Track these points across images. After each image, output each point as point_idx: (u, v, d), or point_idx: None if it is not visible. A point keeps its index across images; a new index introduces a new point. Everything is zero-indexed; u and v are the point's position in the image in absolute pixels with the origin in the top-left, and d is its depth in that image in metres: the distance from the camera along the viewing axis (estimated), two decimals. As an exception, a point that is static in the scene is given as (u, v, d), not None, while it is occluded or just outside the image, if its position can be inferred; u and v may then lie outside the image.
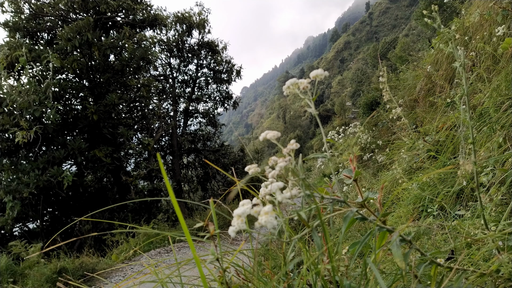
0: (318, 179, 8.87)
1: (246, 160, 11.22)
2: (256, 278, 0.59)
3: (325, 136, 0.59)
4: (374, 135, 4.54)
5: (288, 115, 51.02)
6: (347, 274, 0.67)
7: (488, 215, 0.98)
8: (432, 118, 2.48)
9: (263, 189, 0.55)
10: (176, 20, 9.72)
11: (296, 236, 0.55)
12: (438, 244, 1.00)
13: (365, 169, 3.87)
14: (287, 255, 0.59)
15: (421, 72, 3.48)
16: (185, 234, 0.37)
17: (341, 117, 34.89)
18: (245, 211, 0.47)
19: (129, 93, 8.10)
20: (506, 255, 0.66)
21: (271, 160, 0.56)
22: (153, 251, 4.93)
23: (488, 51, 1.88)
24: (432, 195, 1.41)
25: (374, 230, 0.55)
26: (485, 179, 1.13)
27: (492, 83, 1.63)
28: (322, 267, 0.56)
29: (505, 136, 1.22)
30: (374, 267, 0.46)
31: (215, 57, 10.68)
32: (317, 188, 0.56)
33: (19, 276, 3.79)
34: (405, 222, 1.49)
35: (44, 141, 6.36)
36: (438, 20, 0.92)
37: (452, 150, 1.67)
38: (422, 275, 0.60)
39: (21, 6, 7.30)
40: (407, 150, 2.24)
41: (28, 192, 5.52)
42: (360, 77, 38.91)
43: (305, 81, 0.55)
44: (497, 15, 1.88)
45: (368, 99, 7.83)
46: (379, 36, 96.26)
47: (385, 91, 2.04)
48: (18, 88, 5.63)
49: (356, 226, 1.88)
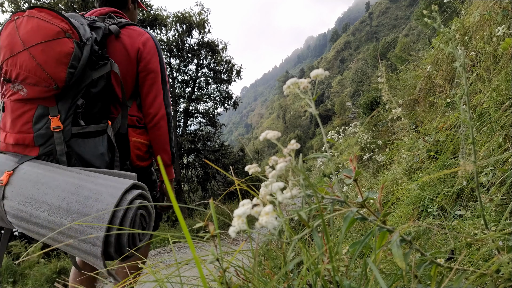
0: (318, 179, 8.88)
1: (246, 160, 11.23)
2: (256, 278, 0.59)
3: (325, 136, 0.59)
4: (374, 135, 4.54)
5: (288, 115, 51.05)
6: (347, 274, 0.67)
7: (488, 215, 0.98)
8: (432, 118, 2.48)
9: (263, 189, 0.55)
10: (176, 20, 9.72)
11: (297, 236, 0.55)
12: (438, 244, 1.00)
13: (365, 169, 3.87)
14: (287, 255, 0.59)
15: (421, 72, 3.49)
16: (185, 235, 0.37)
17: (341, 117, 34.94)
18: (246, 211, 0.47)
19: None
20: (506, 255, 0.65)
21: (271, 160, 0.56)
22: (153, 251, 4.93)
23: (488, 51, 1.88)
24: (432, 195, 1.41)
25: (374, 230, 0.55)
26: (485, 179, 1.13)
27: (492, 83, 1.63)
28: (322, 267, 0.56)
29: (505, 136, 1.22)
30: (374, 267, 0.46)
31: (215, 57, 10.69)
32: (317, 188, 0.56)
33: (19, 276, 3.79)
34: (405, 222, 1.49)
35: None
36: (438, 20, 0.92)
37: (452, 150, 1.67)
38: (422, 275, 0.60)
39: (21, 6, 7.29)
40: (407, 150, 2.25)
41: (27, 192, 5.51)
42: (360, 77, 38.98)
43: (305, 81, 0.55)
44: (497, 15, 1.88)
45: (368, 99, 7.84)
46: (379, 36, 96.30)
47: (384, 91, 2.05)
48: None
49: (356, 226, 1.88)
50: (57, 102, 1.03)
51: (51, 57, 0.97)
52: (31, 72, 0.97)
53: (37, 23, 0.97)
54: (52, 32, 0.97)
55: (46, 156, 1.03)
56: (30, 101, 1.02)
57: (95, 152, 1.08)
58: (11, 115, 1.03)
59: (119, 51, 1.20)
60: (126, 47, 1.21)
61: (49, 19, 0.98)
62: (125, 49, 1.21)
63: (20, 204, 0.94)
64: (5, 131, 1.05)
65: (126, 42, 1.22)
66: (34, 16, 0.98)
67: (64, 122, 1.03)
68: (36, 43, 0.96)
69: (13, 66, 0.98)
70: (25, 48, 0.95)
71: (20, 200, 0.94)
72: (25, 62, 0.96)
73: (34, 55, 0.96)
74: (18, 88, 1.01)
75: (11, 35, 0.97)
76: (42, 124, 1.02)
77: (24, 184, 0.96)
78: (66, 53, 0.98)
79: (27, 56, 0.96)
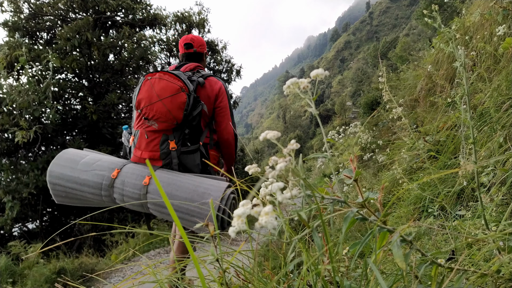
0: (318, 179, 8.87)
1: (246, 160, 11.21)
2: (256, 278, 0.58)
3: (325, 136, 0.59)
4: (375, 135, 4.54)
5: (288, 115, 51.01)
6: (348, 274, 0.67)
7: (489, 215, 0.98)
8: (432, 118, 2.48)
9: (263, 189, 0.54)
10: (175, 20, 9.70)
11: (297, 236, 0.55)
12: (439, 245, 1.00)
13: (366, 169, 3.87)
14: (287, 255, 0.59)
15: (422, 72, 3.48)
16: (181, 234, 0.36)
17: (342, 117, 34.89)
18: (245, 211, 0.47)
19: (128, 93, 8.09)
20: (507, 255, 0.65)
21: (271, 160, 0.55)
22: (153, 251, 4.93)
23: (488, 51, 1.88)
24: (432, 195, 1.41)
25: (374, 231, 0.54)
26: (485, 179, 1.13)
27: (492, 83, 1.63)
28: (322, 268, 0.55)
29: (505, 136, 1.22)
30: (375, 268, 0.46)
31: (215, 57, 10.66)
32: (318, 188, 0.56)
33: (19, 277, 3.79)
34: (405, 222, 1.49)
35: (43, 141, 6.35)
36: (438, 19, 0.92)
37: (453, 150, 1.67)
38: (422, 276, 0.60)
39: (21, 5, 7.29)
40: (408, 150, 2.24)
41: (27, 192, 5.51)
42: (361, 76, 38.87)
43: (305, 81, 0.54)
44: (497, 15, 1.88)
45: (369, 99, 7.82)
46: (379, 36, 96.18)
47: (385, 91, 2.04)
48: (17, 88, 5.62)
49: (356, 227, 1.88)
50: (173, 131, 1.61)
51: (175, 105, 1.54)
52: (162, 115, 1.54)
53: (165, 83, 1.55)
54: (174, 89, 1.54)
55: (165, 166, 1.61)
56: (158, 131, 1.61)
57: (193, 163, 1.63)
58: (145, 140, 1.62)
59: (204, 95, 1.74)
60: (208, 93, 1.76)
61: (171, 80, 1.56)
62: (207, 93, 1.76)
63: (160, 197, 1.47)
64: (140, 149, 1.63)
65: (208, 89, 1.76)
66: (162, 78, 1.55)
67: (177, 144, 1.61)
68: (166, 97, 1.53)
69: (150, 110, 1.55)
70: (159, 99, 1.53)
71: (158, 195, 1.46)
72: (159, 108, 1.53)
73: (165, 104, 1.53)
74: (151, 123, 1.60)
75: (148, 91, 1.55)
76: (165, 146, 1.60)
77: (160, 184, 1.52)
78: (183, 102, 1.55)
79: (160, 105, 1.53)
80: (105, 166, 1.58)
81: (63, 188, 1.56)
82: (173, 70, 1.64)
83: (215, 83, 1.78)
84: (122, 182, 1.53)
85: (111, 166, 1.58)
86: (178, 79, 1.56)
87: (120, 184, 1.52)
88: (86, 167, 1.57)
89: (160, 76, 1.55)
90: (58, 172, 1.57)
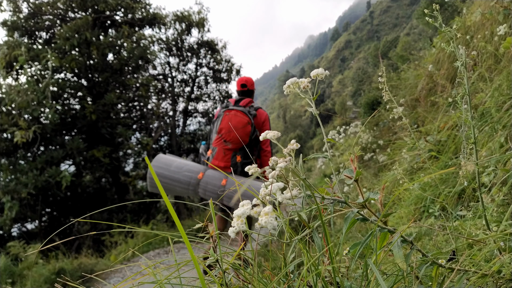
0: (318, 180, 8.86)
1: (246, 160, 11.20)
2: (256, 279, 0.58)
3: (325, 136, 0.58)
4: (375, 135, 4.53)
5: (289, 115, 50.98)
6: (348, 275, 0.66)
7: (490, 216, 0.97)
8: (433, 117, 2.48)
9: (263, 190, 0.54)
10: (175, 19, 9.68)
11: (297, 237, 0.54)
12: (440, 245, 0.99)
13: (366, 169, 3.86)
14: (287, 256, 0.58)
15: (423, 72, 3.48)
16: (182, 234, 0.36)
17: (342, 116, 34.82)
18: (245, 211, 0.46)
19: (127, 93, 8.08)
20: (508, 255, 0.65)
21: (271, 160, 0.55)
22: (152, 252, 4.93)
23: (489, 50, 1.88)
24: (433, 195, 1.41)
25: (375, 231, 0.54)
26: (486, 179, 1.12)
27: (493, 82, 1.62)
28: (322, 268, 0.55)
29: (506, 136, 1.21)
30: (375, 268, 0.45)
31: (215, 56, 10.64)
32: (318, 188, 0.56)
33: (18, 277, 3.78)
34: (406, 222, 1.49)
35: (42, 141, 6.35)
36: (439, 19, 0.91)
37: (454, 150, 1.66)
38: (423, 276, 0.59)
39: (20, 5, 7.28)
40: (409, 150, 2.24)
41: (26, 192, 5.50)
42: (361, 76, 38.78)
43: (305, 80, 0.54)
44: (498, 14, 1.87)
45: (369, 99, 7.81)
46: (380, 35, 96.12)
47: (385, 91, 2.03)
48: (16, 88, 5.61)
49: (357, 227, 1.87)
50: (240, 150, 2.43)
51: (245, 134, 2.40)
52: (235, 139, 2.39)
53: (240, 119, 2.41)
54: (245, 123, 2.40)
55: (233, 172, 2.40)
56: (231, 149, 2.43)
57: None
58: (222, 154, 2.43)
59: (256, 122, 2.51)
60: (258, 120, 2.53)
61: (242, 116, 2.42)
62: (257, 121, 2.52)
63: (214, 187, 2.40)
64: (217, 160, 2.44)
65: (258, 118, 2.54)
66: (237, 115, 2.41)
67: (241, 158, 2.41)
68: (239, 128, 2.36)
69: (227, 136, 2.40)
70: (234, 130, 2.35)
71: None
72: (234, 136, 2.38)
73: (238, 133, 2.35)
74: (227, 144, 2.42)
75: (227, 123, 2.39)
76: (234, 159, 2.42)
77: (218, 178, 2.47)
78: (249, 132, 2.42)
79: (235, 134, 2.36)
80: (192, 170, 2.44)
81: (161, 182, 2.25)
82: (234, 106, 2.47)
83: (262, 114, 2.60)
84: (206, 182, 2.39)
85: (196, 169, 2.46)
86: (246, 116, 2.42)
87: (204, 183, 2.39)
88: (178, 169, 2.45)
89: (236, 113, 2.41)
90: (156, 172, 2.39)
